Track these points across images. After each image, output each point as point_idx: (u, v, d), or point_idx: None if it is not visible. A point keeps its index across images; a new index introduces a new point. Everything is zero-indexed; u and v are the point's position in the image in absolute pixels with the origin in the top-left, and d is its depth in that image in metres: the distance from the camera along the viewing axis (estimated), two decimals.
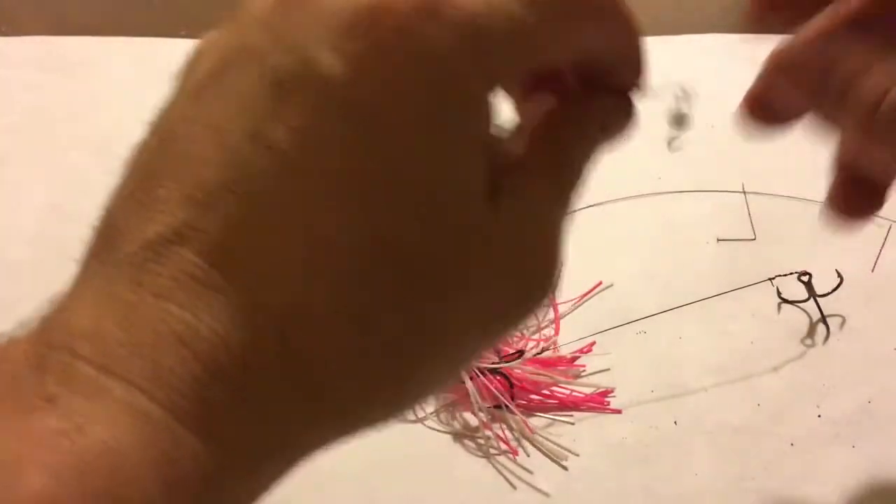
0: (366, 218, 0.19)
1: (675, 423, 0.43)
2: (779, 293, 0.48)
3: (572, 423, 0.43)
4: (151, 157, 0.20)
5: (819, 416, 0.43)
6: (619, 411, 0.43)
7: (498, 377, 0.42)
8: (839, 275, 0.47)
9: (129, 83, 0.61)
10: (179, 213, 0.19)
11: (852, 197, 0.31)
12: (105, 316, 0.18)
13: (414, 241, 0.20)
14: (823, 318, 0.47)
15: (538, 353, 0.44)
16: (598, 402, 0.43)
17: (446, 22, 0.19)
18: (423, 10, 0.19)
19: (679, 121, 0.26)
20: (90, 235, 0.20)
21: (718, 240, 0.52)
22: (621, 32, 0.23)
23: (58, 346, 0.18)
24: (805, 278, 0.47)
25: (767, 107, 0.32)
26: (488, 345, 0.23)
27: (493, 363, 0.42)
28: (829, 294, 0.47)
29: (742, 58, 0.68)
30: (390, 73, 0.19)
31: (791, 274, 0.47)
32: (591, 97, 0.24)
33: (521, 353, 0.42)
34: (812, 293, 0.47)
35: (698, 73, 0.66)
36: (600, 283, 0.49)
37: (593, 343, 0.46)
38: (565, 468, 0.41)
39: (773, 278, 0.47)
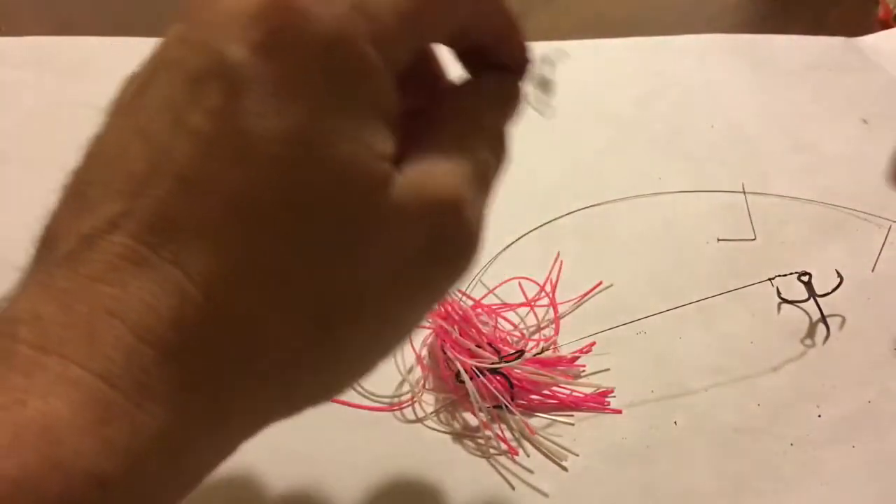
0: (278, 183, 0.21)
1: (675, 423, 0.43)
2: (779, 293, 0.48)
3: (572, 424, 0.43)
4: (84, 169, 0.22)
5: (819, 416, 0.43)
6: (619, 411, 0.43)
7: (498, 377, 0.42)
8: (839, 275, 0.47)
9: None
10: (111, 206, 0.20)
11: None
12: (44, 303, 0.20)
13: (322, 202, 0.21)
14: (823, 318, 0.47)
15: (538, 353, 0.44)
16: (598, 402, 0.43)
17: (335, 1, 0.22)
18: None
19: (544, 85, 0.29)
20: (32, 246, 0.22)
21: (718, 240, 0.52)
22: (495, 9, 0.26)
23: (1, 335, 0.19)
24: (805, 278, 0.47)
25: None
26: (413, 311, 0.25)
27: (493, 363, 0.42)
28: (829, 294, 0.47)
29: (742, 58, 0.68)
30: (288, 49, 0.21)
31: (791, 274, 0.47)
32: (479, 77, 0.27)
33: (521, 353, 0.42)
34: (812, 293, 0.47)
35: (698, 73, 0.66)
36: (600, 283, 0.49)
37: (593, 343, 0.46)
38: (565, 468, 0.41)
39: (773, 278, 0.47)
